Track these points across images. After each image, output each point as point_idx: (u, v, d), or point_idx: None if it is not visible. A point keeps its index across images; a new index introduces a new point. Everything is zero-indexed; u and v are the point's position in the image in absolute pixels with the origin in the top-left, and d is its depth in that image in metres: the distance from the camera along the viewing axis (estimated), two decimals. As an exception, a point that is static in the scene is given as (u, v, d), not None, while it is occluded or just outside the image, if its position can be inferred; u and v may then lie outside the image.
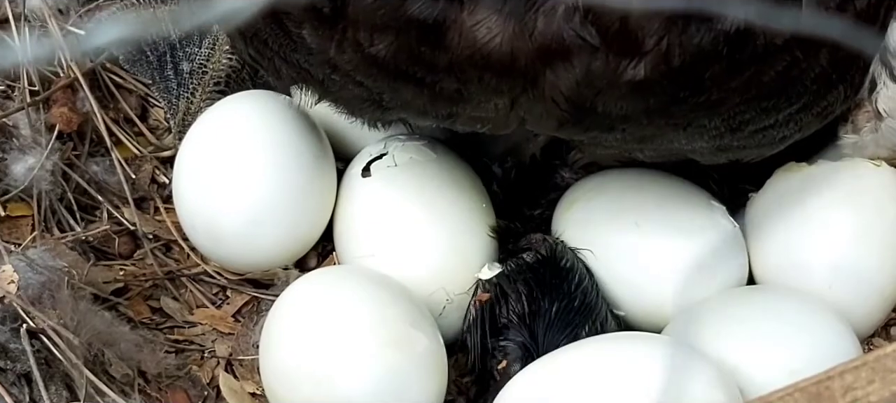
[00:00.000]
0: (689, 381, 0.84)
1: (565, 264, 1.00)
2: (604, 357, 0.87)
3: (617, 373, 0.85)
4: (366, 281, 0.96)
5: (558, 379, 0.87)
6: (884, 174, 1.03)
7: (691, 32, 0.74)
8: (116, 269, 1.03)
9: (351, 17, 0.76)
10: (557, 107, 0.78)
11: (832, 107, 0.88)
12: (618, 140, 0.85)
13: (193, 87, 1.15)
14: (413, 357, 0.93)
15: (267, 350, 0.94)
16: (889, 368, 0.65)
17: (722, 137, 0.85)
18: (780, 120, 0.85)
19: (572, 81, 0.76)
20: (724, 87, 0.79)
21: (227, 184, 1.02)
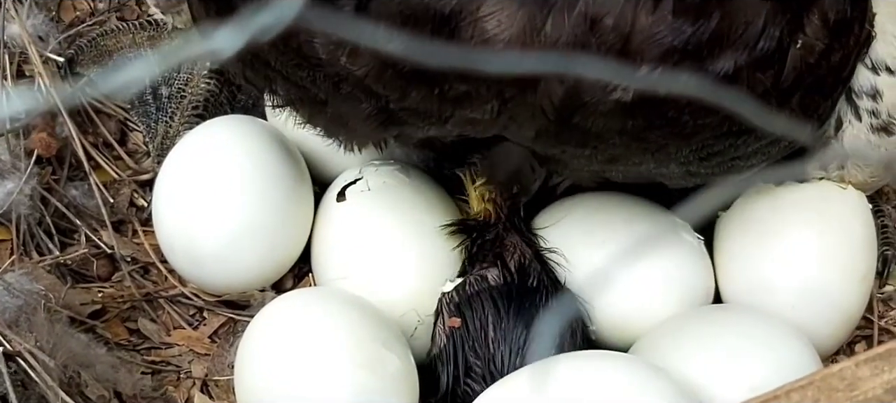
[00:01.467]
0: (649, 399, 0.86)
1: (532, 284, 1.02)
2: (565, 376, 0.88)
3: (578, 392, 0.87)
4: (339, 303, 0.98)
5: (519, 399, 0.89)
6: (849, 196, 1.06)
7: (684, 69, 0.77)
8: (94, 291, 1.05)
9: (373, 13, 0.76)
10: (544, 116, 0.80)
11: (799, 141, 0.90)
12: (587, 157, 0.87)
13: (172, 112, 1.17)
14: (385, 377, 0.94)
15: (242, 371, 0.96)
16: (834, 387, 0.67)
17: (690, 165, 0.87)
18: (749, 152, 0.87)
19: (563, 93, 0.78)
20: (700, 123, 0.81)
21: (205, 207, 1.04)
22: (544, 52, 0.75)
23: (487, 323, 0.99)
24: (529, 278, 1.02)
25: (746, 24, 0.76)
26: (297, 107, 0.91)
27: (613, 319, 1.03)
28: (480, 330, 0.99)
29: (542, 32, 0.75)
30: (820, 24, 0.80)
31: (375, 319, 0.97)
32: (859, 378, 0.68)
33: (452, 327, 1.00)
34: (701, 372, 0.94)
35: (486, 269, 1.02)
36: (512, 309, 0.99)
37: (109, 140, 1.16)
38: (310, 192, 1.09)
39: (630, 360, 0.93)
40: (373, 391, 0.93)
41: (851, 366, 0.68)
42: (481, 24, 0.75)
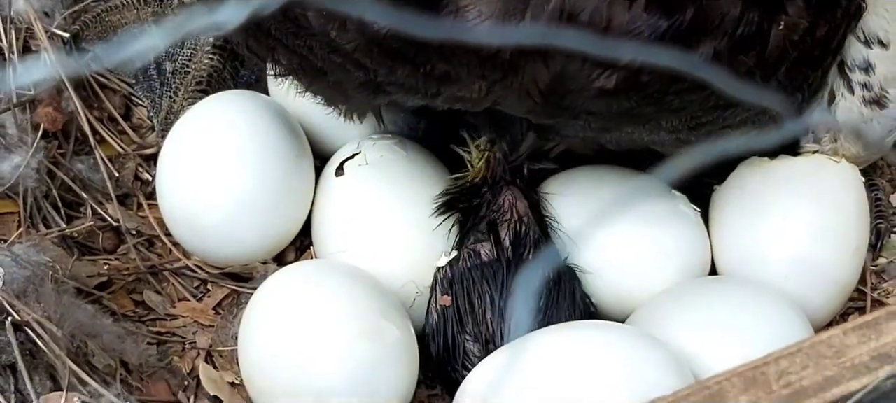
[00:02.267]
0: (644, 367, 0.88)
1: (527, 256, 1.03)
2: (560, 345, 0.90)
3: (573, 361, 0.89)
4: (340, 275, 1.00)
5: (514, 368, 0.91)
6: (842, 169, 1.07)
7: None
8: (100, 264, 1.07)
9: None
10: (531, 99, 0.82)
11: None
12: (581, 127, 0.88)
13: (176, 87, 1.19)
14: (385, 347, 0.96)
15: (245, 341, 0.98)
16: (823, 354, 0.69)
17: (680, 133, 0.89)
18: (738, 121, 0.89)
19: (548, 78, 0.80)
20: (685, 100, 0.83)
21: (208, 181, 1.06)
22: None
23: (484, 300, 1.01)
24: (524, 250, 1.03)
25: (723, 14, 0.78)
26: (299, 75, 0.93)
27: (612, 290, 1.05)
28: (477, 307, 1.01)
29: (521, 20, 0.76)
30: (802, 4, 0.81)
31: (375, 290, 0.99)
32: (847, 345, 0.69)
33: (443, 305, 1.01)
34: (695, 342, 0.95)
35: (480, 243, 1.03)
36: (507, 282, 1.01)
37: (114, 114, 1.17)
38: (311, 166, 1.11)
39: (626, 330, 0.95)
40: (373, 361, 0.95)
41: (839, 334, 0.70)
42: (463, 14, 0.76)
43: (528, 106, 0.84)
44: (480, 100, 0.84)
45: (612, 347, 0.89)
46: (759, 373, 0.68)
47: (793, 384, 0.67)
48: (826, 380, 0.67)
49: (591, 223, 1.05)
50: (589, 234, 1.04)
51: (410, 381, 0.98)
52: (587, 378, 0.88)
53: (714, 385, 0.67)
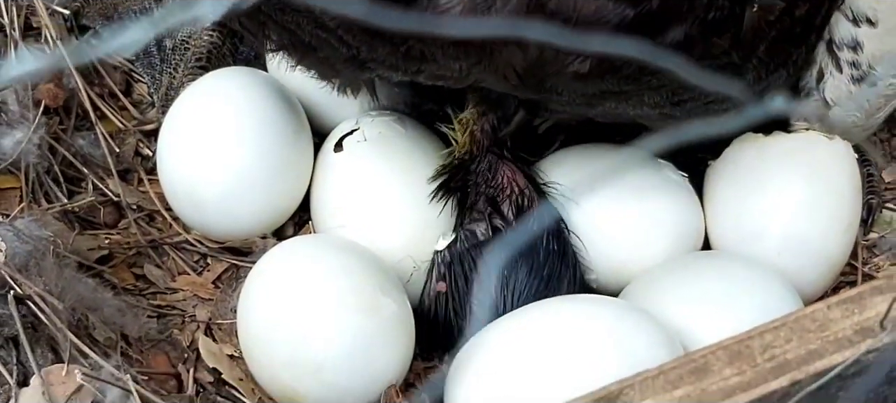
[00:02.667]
0: (634, 341, 0.90)
1: (532, 225, 1.04)
2: (552, 318, 0.92)
3: (564, 334, 0.90)
4: (337, 250, 1.01)
5: (506, 341, 0.92)
6: (836, 146, 1.08)
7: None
8: (101, 238, 1.08)
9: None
10: (508, 82, 0.83)
11: (774, 86, 0.92)
12: (567, 102, 0.90)
13: (176, 63, 1.20)
14: (381, 321, 0.97)
15: (244, 315, 0.99)
16: (806, 328, 0.70)
17: (664, 108, 0.90)
18: (721, 97, 0.90)
19: (524, 63, 0.81)
20: (664, 78, 0.84)
21: (208, 156, 1.07)
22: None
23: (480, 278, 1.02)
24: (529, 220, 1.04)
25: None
26: (289, 50, 0.94)
27: (607, 263, 1.06)
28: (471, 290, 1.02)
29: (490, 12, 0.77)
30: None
31: (372, 265, 1.00)
32: (831, 319, 0.71)
33: (438, 291, 1.03)
34: (686, 316, 0.97)
35: (476, 223, 1.05)
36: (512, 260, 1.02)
37: (115, 91, 1.18)
38: (309, 142, 1.12)
39: (616, 304, 0.97)
40: (370, 334, 0.96)
41: (823, 308, 0.72)
42: (435, 3, 0.77)
43: (508, 86, 0.85)
44: (462, 79, 0.85)
45: (602, 321, 0.91)
46: (744, 347, 0.69)
47: (777, 357, 0.69)
48: (809, 354, 0.69)
49: (585, 192, 1.06)
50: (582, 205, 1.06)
51: (406, 354, 0.99)
52: (578, 351, 0.89)
53: (699, 359, 0.69)
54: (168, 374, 0.99)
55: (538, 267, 1.02)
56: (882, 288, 0.73)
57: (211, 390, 0.99)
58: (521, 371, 0.90)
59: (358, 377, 0.97)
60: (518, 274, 1.01)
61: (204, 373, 1.00)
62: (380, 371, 0.97)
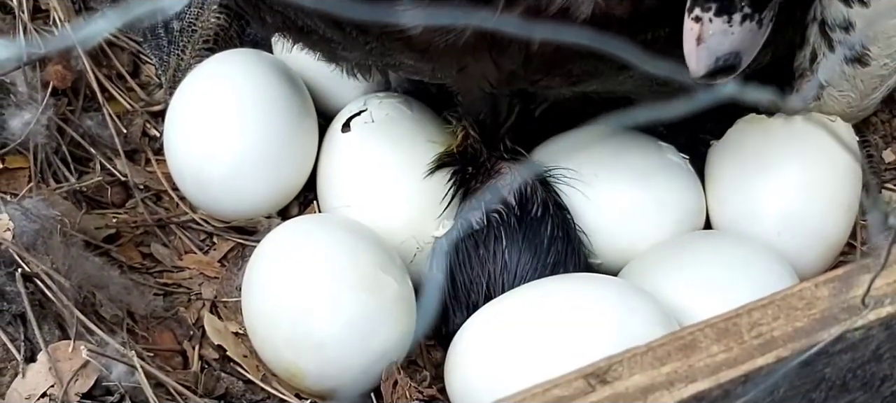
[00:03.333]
0: (632, 319, 0.91)
1: (536, 213, 1.06)
2: (549, 296, 0.93)
3: (562, 312, 0.91)
4: (340, 229, 1.03)
5: (504, 319, 0.94)
6: (837, 128, 1.09)
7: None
8: (109, 217, 1.10)
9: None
10: (481, 89, 0.84)
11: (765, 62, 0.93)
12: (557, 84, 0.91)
13: (183, 45, 1.21)
14: (384, 300, 0.99)
15: (248, 292, 1.01)
16: (794, 306, 0.71)
17: (652, 85, 0.91)
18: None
19: (495, 73, 0.82)
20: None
21: (213, 137, 1.08)
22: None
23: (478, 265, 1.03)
24: (533, 207, 1.06)
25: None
26: (284, 33, 0.96)
27: (611, 247, 1.07)
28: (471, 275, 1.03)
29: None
30: None
31: (375, 245, 1.02)
32: (818, 297, 0.72)
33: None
34: (684, 295, 0.98)
35: (472, 211, 1.06)
36: (510, 244, 1.03)
37: (122, 72, 1.20)
38: (314, 124, 1.14)
39: (614, 282, 0.98)
40: (371, 313, 0.98)
41: (811, 286, 0.72)
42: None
43: (488, 88, 0.86)
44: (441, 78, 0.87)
45: (600, 299, 0.92)
46: (731, 324, 0.70)
47: (764, 334, 0.70)
48: (795, 331, 0.70)
49: (587, 177, 1.07)
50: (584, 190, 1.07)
51: (408, 333, 1.01)
52: (576, 329, 0.90)
53: (687, 336, 0.70)
54: (173, 351, 1.01)
55: (542, 253, 1.03)
56: (870, 266, 0.73)
57: (216, 366, 1.00)
58: (519, 347, 0.91)
59: (359, 354, 0.98)
60: (521, 259, 1.03)
61: (209, 350, 1.02)
62: (381, 348, 0.99)
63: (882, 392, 0.75)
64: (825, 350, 0.70)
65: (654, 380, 0.67)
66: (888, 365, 0.74)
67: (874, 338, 0.72)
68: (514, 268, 1.03)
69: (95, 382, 0.89)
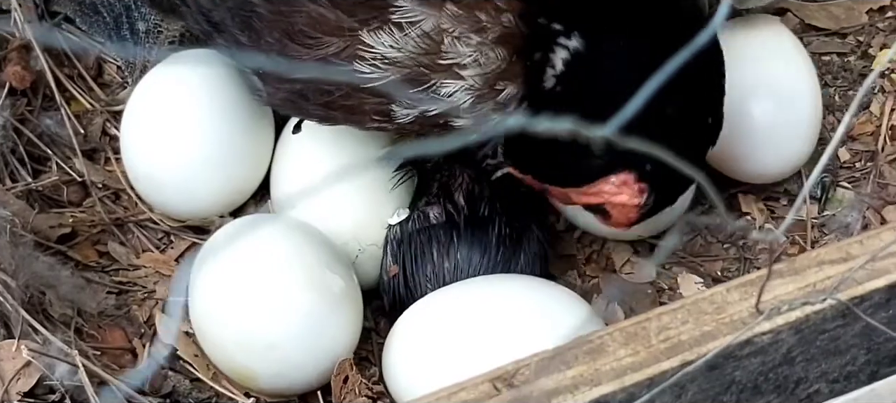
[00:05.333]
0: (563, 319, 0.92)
1: (484, 212, 1.07)
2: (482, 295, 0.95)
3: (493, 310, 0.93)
4: (287, 229, 1.03)
5: (435, 314, 0.95)
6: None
7: None
8: (66, 216, 1.11)
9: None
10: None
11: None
12: None
13: (149, 46, 1.23)
14: (332, 298, 1.00)
15: (194, 293, 1.01)
16: (703, 310, 0.72)
17: None
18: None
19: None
20: None
21: (168, 138, 1.10)
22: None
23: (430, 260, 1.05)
24: (479, 207, 1.07)
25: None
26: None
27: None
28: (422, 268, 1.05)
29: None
30: None
31: (322, 244, 1.03)
32: (728, 302, 0.73)
33: (392, 275, 1.05)
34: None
35: (430, 206, 1.07)
36: (460, 242, 1.05)
37: (83, 73, 1.21)
38: (270, 126, 1.15)
39: (550, 284, 0.99)
40: (321, 312, 0.99)
41: (722, 291, 0.73)
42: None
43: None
44: None
45: (533, 299, 0.93)
46: (640, 328, 0.71)
47: (671, 338, 0.71)
48: (703, 335, 0.71)
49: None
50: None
51: (356, 330, 1.02)
52: (503, 327, 0.92)
53: (596, 339, 0.71)
54: (123, 349, 1.02)
55: (491, 252, 1.04)
56: (783, 271, 0.74)
57: (165, 364, 1.02)
58: (448, 343, 0.93)
59: (310, 354, 0.99)
60: (472, 258, 1.04)
61: (159, 348, 1.03)
62: (331, 347, 1.00)
63: (798, 395, 0.76)
64: (733, 353, 0.71)
65: (560, 384, 0.68)
66: (801, 368, 0.75)
67: (784, 342, 0.72)
68: (466, 267, 1.04)
69: (37, 381, 0.91)
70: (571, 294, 0.96)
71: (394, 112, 0.91)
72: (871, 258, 0.73)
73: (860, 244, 0.76)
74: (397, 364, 0.97)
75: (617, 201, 0.91)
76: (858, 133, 1.20)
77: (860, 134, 1.20)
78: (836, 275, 0.73)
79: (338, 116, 0.95)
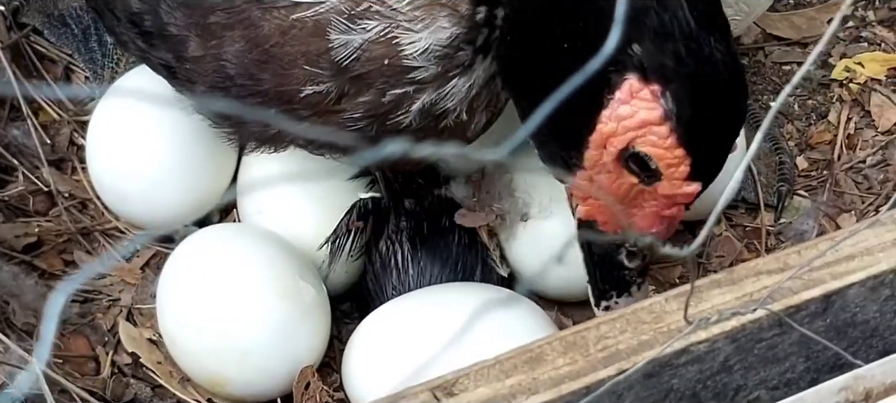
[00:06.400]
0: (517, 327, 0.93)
1: (445, 224, 1.09)
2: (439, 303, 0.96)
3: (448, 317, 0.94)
4: (255, 237, 1.05)
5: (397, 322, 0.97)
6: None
7: None
8: (32, 225, 1.13)
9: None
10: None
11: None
12: None
13: (117, 57, 1.24)
14: (303, 305, 1.02)
15: (162, 299, 1.03)
16: (642, 320, 0.74)
17: None
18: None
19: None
20: None
21: (133, 147, 1.11)
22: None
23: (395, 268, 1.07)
24: (443, 218, 1.09)
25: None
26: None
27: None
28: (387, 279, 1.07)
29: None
30: None
31: (292, 253, 1.05)
32: (667, 311, 0.74)
33: (354, 225, 1.07)
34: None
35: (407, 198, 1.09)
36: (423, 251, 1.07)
37: (51, 84, 1.23)
38: (234, 134, 1.16)
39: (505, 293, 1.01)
40: (293, 319, 1.01)
41: (661, 301, 0.75)
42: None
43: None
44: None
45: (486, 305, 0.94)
46: (579, 337, 0.73)
47: (609, 347, 0.72)
48: (640, 344, 0.72)
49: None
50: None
51: (324, 337, 1.04)
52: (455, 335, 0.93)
53: (536, 349, 0.72)
54: (86, 357, 1.03)
55: (451, 262, 1.06)
56: (720, 281, 0.76)
57: (127, 372, 1.03)
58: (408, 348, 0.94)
59: (281, 360, 1.01)
60: (433, 266, 1.06)
61: (123, 356, 1.04)
62: (302, 354, 1.02)
63: (738, 402, 0.78)
64: (669, 362, 0.72)
65: (498, 392, 0.70)
66: (740, 376, 0.76)
67: (721, 351, 0.74)
68: (427, 275, 1.06)
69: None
70: (528, 302, 0.98)
71: (332, 41, 0.84)
72: (808, 267, 0.75)
73: (798, 254, 0.78)
74: (356, 370, 0.99)
75: (636, 122, 0.77)
76: (816, 142, 1.21)
77: (818, 142, 1.21)
78: (773, 285, 0.74)
79: (266, 82, 0.88)
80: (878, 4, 1.35)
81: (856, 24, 1.33)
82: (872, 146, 1.20)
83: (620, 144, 0.78)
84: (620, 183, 0.81)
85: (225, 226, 1.13)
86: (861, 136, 1.21)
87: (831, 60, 1.28)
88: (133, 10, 0.91)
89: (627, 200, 0.82)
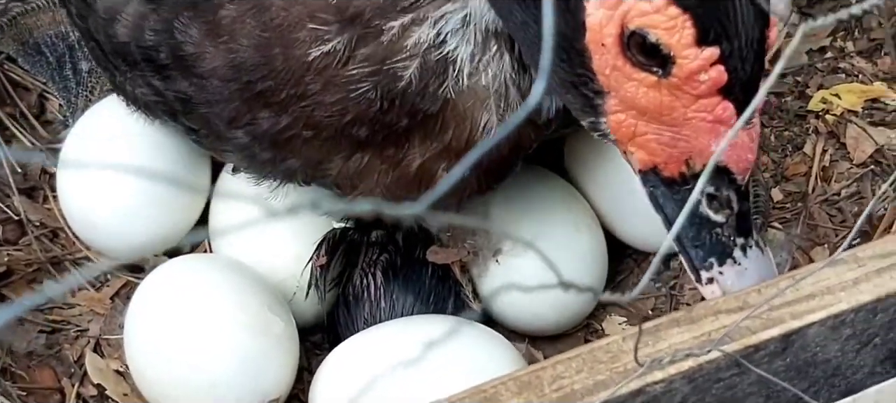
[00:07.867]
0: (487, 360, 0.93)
1: (419, 255, 1.09)
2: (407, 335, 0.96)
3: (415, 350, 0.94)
4: (226, 269, 1.04)
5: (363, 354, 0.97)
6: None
7: None
8: (3, 254, 1.12)
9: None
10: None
11: None
12: None
13: (91, 86, 1.24)
14: (271, 338, 1.01)
15: (130, 330, 1.02)
16: (598, 359, 0.73)
17: None
18: None
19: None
20: None
21: (104, 177, 1.11)
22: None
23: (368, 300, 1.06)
24: (416, 250, 1.09)
25: None
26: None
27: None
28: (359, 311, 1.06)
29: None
30: None
31: (261, 285, 1.04)
32: (623, 351, 0.73)
33: (319, 265, 1.06)
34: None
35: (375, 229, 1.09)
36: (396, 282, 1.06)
37: (25, 112, 1.22)
38: (206, 166, 1.16)
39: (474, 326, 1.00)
40: (262, 352, 1.00)
41: (618, 340, 0.74)
42: None
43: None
44: None
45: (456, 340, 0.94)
46: (534, 377, 0.72)
47: (564, 387, 0.71)
48: (596, 384, 0.71)
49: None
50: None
51: (293, 369, 1.03)
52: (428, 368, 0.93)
53: (490, 389, 0.71)
54: (52, 389, 1.03)
55: (424, 294, 1.06)
56: (679, 320, 0.75)
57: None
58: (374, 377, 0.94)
59: (249, 392, 1.00)
60: (405, 298, 1.06)
61: (89, 388, 1.04)
62: (270, 386, 1.01)
63: (697, 442, 0.77)
64: (624, 402, 0.71)
65: (450, 433, 0.69)
66: (698, 416, 0.75)
67: (678, 391, 0.73)
68: (400, 307, 1.05)
69: (-42, 422, 0.92)
70: (497, 336, 0.97)
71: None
72: (767, 306, 0.74)
73: (757, 292, 0.77)
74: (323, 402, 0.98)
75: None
76: (791, 174, 1.21)
77: (793, 174, 1.21)
78: (731, 324, 0.73)
79: (276, 59, 0.89)
80: (858, 35, 1.34)
81: (834, 54, 1.32)
82: (847, 178, 1.19)
83: (615, 30, 0.73)
84: (643, 90, 0.75)
85: (195, 257, 1.12)
86: (836, 169, 1.20)
87: (809, 91, 1.28)
88: (147, 43, 0.92)
89: (664, 116, 0.76)
